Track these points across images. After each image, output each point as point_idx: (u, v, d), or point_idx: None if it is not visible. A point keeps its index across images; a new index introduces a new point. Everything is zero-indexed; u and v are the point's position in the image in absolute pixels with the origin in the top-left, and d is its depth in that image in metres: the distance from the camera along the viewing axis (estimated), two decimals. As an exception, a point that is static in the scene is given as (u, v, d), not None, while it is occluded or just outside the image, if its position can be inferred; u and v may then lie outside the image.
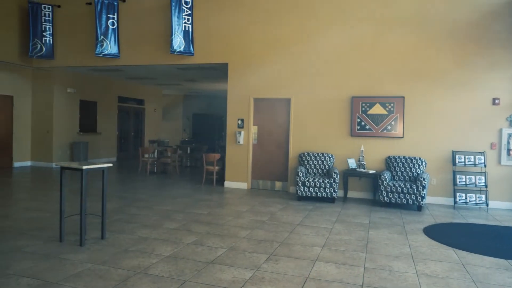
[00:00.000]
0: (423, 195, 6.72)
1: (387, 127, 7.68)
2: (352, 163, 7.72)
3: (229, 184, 8.80)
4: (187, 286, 3.35)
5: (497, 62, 7.16)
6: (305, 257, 4.20)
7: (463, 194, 7.16)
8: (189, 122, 19.66)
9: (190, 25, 8.77)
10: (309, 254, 4.31)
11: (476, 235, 5.37)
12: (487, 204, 7.03)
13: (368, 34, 7.80)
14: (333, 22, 8.00)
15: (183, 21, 8.74)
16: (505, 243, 5.01)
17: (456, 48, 7.35)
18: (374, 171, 7.47)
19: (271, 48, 8.40)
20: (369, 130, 7.79)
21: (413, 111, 7.57)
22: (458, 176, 7.20)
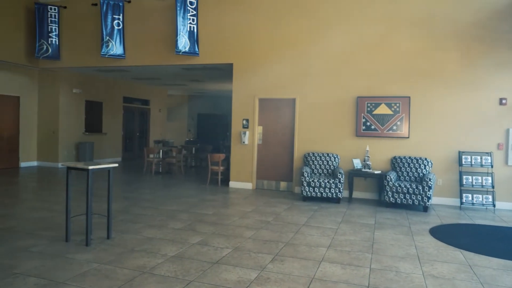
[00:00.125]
0: (429, 195, 6.68)
1: (393, 127, 7.64)
2: (357, 163, 7.69)
3: (234, 184, 8.81)
4: (192, 286, 3.35)
5: (504, 62, 7.10)
6: (310, 257, 4.19)
7: (470, 195, 7.11)
8: (194, 122, 19.70)
9: (195, 26, 8.79)
10: (315, 254, 4.30)
11: (483, 236, 5.33)
12: (494, 205, 6.97)
13: (374, 34, 7.77)
14: (339, 22, 7.98)
15: (188, 22, 8.75)
16: (513, 244, 4.97)
17: (462, 48, 7.30)
18: (379, 172, 7.44)
19: (276, 48, 8.39)
20: (374, 130, 7.76)
21: (419, 111, 7.53)
22: (464, 177, 7.15)
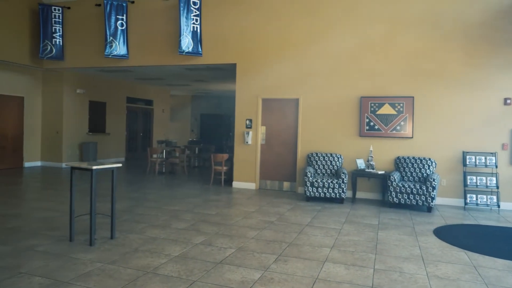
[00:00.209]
0: (433, 196, 6.65)
1: (396, 127, 7.62)
2: (361, 163, 7.67)
3: (237, 184, 8.81)
4: (196, 286, 3.36)
5: (509, 62, 7.06)
6: (314, 258, 4.19)
7: (474, 195, 7.07)
8: (197, 123, 19.71)
9: (198, 26, 8.80)
10: (318, 255, 4.29)
11: (488, 237, 5.30)
12: (498, 206, 6.94)
13: (378, 34, 7.75)
14: (342, 22, 7.96)
15: (192, 22, 8.76)
16: (517, 245, 4.95)
17: (466, 48, 7.27)
18: (383, 172, 7.42)
19: (279, 48, 8.38)
20: (378, 130, 7.74)
21: (423, 111, 7.50)
22: (468, 177, 7.12)
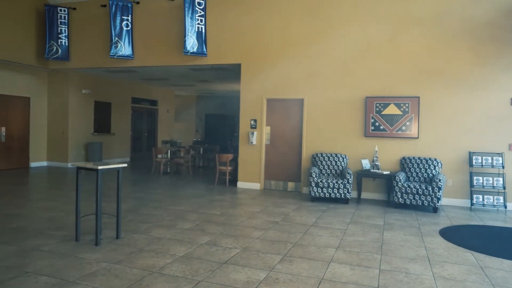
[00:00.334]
0: (438, 196, 6.61)
1: (402, 127, 7.58)
2: (366, 163, 7.64)
3: (242, 185, 8.81)
4: (201, 286, 3.36)
5: (515, 61, 7.01)
6: (319, 258, 4.18)
7: (480, 196, 7.02)
8: (201, 123, 19.74)
9: (203, 26, 8.81)
10: (323, 255, 4.28)
11: (495, 238, 5.26)
12: (505, 206, 6.88)
13: (383, 34, 7.72)
14: (347, 22, 7.94)
15: (196, 22, 8.78)
16: (525, 246, 4.90)
17: (473, 48, 7.22)
18: (388, 172, 7.39)
19: (284, 49, 8.37)
20: (383, 130, 7.70)
21: (429, 111, 7.46)
22: (475, 178, 7.07)
